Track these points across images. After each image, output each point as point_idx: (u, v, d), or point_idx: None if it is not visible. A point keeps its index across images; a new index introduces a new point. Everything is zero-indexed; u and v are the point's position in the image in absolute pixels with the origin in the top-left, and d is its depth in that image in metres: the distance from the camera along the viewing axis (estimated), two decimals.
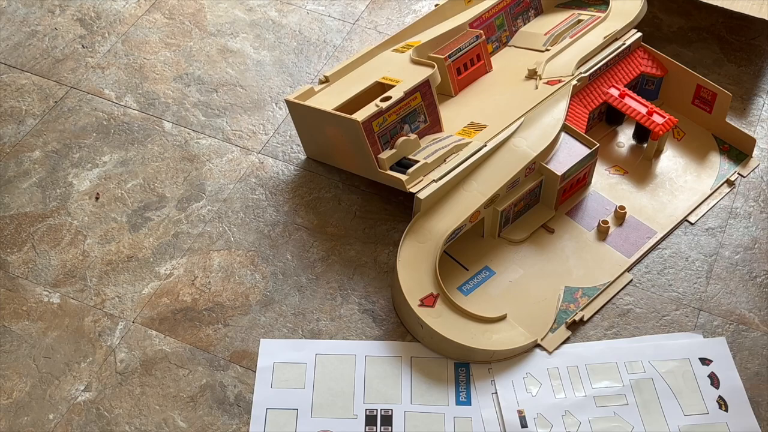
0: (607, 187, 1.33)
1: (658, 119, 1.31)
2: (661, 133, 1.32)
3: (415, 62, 1.32)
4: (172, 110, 1.44)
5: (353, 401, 1.10)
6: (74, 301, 1.20)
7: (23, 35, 1.55)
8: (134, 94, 1.46)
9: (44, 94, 1.46)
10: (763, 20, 1.43)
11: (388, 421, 1.09)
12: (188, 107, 1.44)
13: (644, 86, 1.42)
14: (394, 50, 1.38)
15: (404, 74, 1.30)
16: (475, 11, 1.43)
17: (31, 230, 1.28)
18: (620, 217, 1.29)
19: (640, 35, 1.39)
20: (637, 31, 1.39)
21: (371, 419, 1.09)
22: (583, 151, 1.27)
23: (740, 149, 1.37)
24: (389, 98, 1.24)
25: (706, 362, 1.14)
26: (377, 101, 1.24)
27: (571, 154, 1.27)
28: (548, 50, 1.40)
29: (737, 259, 1.26)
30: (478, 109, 1.34)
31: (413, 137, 1.26)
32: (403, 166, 1.24)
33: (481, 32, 1.40)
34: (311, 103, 1.29)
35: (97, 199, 1.32)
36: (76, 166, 1.36)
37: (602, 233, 1.27)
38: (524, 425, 1.08)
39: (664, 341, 1.16)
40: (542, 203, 1.30)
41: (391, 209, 1.31)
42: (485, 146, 1.24)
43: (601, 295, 1.21)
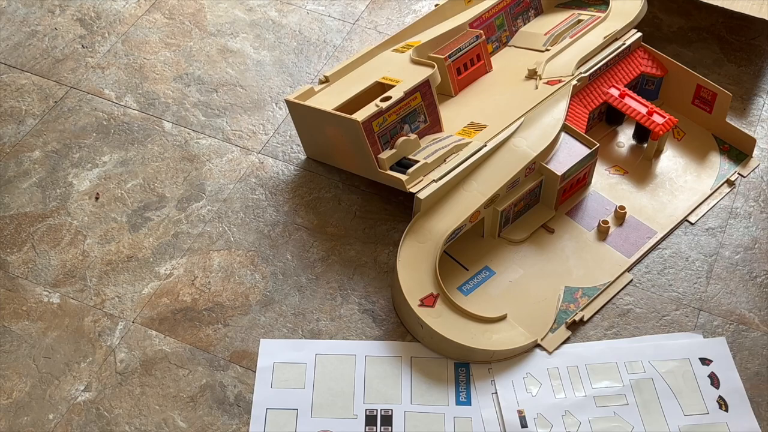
0: (607, 187, 1.33)
1: (658, 119, 1.31)
2: (661, 133, 1.32)
3: (415, 62, 1.32)
4: (172, 110, 1.44)
5: (353, 401, 1.10)
6: (74, 301, 1.20)
7: (23, 35, 1.55)
8: (134, 94, 1.46)
9: (44, 94, 1.46)
10: (763, 20, 1.43)
11: (388, 421, 1.09)
12: (188, 107, 1.44)
13: (644, 86, 1.42)
14: (394, 50, 1.38)
15: (404, 74, 1.30)
16: (475, 11, 1.43)
17: (31, 230, 1.28)
18: (620, 217, 1.29)
19: (640, 35, 1.39)
20: (637, 31, 1.39)
21: (371, 419, 1.09)
22: (583, 151, 1.27)
23: (740, 149, 1.37)
24: (389, 98, 1.24)
25: (706, 362, 1.14)
26: (377, 101, 1.24)
27: (571, 154, 1.27)
28: (548, 50, 1.40)
29: (737, 259, 1.26)
30: (478, 109, 1.34)
31: (413, 137, 1.26)
32: (403, 166, 1.23)
33: (481, 32, 1.40)
34: (311, 103, 1.29)
35: (97, 199, 1.32)
36: (76, 166, 1.36)
37: (602, 233, 1.27)
38: (524, 425, 1.08)
39: (664, 341, 1.16)
40: (542, 203, 1.30)
41: (391, 209, 1.31)
42: (485, 146, 1.24)
43: (601, 295, 1.21)
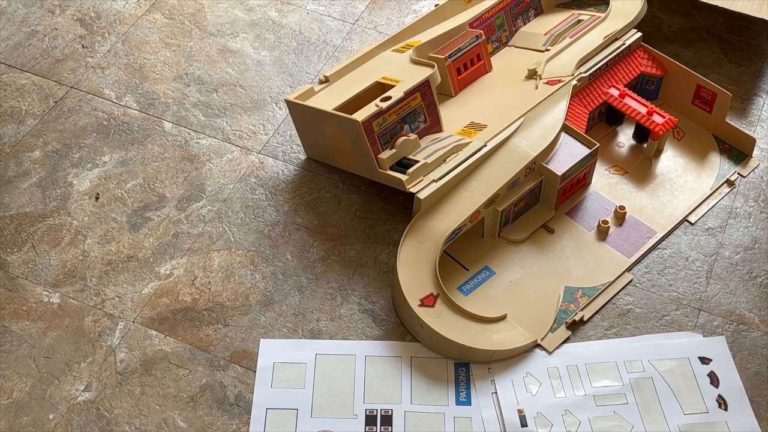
0: (607, 187, 1.33)
1: (658, 119, 1.31)
2: (661, 133, 1.32)
3: (415, 62, 1.32)
4: (172, 110, 1.44)
5: (353, 401, 1.10)
6: (74, 301, 1.20)
7: (23, 35, 1.55)
8: (134, 94, 1.46)
9: (44, 94, 1.46)
10: (763, 20, 1.43)
11: (388, 421, 1.09)
12: (188, 107, 1.44)
13: (644, 86, 1.42)
14: (394, 50, 1.38)
15: (404, 74, 1.30)
16: (475, 11, 1.43)
17: (31, 230, 1.28)
18: (620, 217, 1.28)
19: (640, 35, 1.39)
20: (637, 31, 1.39)
21: (371, 419, 1.09)
22: (583, 151, 1.27)
23: (740, 149, 1.37)
24: (389, 98, 1.24)
25: (705, 361, 1.14)
26: (377, 101, 1.24)
27: (571, 154, 1.27)
28: (548, 50, 1.40)
29: (737, 259, 1.26)
30: (478, 109, 1.34)
31: (413, 137, 1.26)
32: (403, 166, 1.23)
33: (481, 32, 1.40)
34: (311, 103, 1.29)
35: (97, 199, 1.32)
36: (76, 166, 1.36)
37: (602, 233, 1.27)
38: (524, 425, 1.08)
39: (663, 340, 1.16)
40: (542, 203, 1.30)
41: (391, 209, 1.31)
42: (485, 146, 1.24)
43: (601, 295, 1.21)
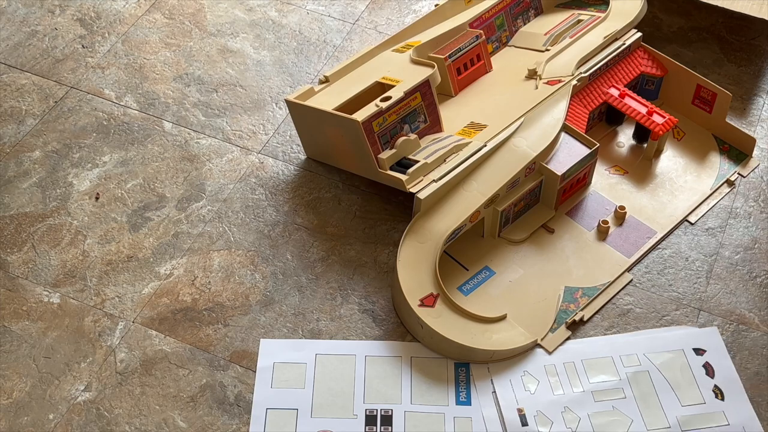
0: (607, 187, 1.33)
1: (658, 119, 1.31)
2: (661, 133, 1.32)
3: (415, 62, 1.32)
4: (172, 110, 1.44)
5: (353, 401, 1.10)
6: (74, 301, 1.20)
7: (23, 35, 1.55)
8: (134, 94, 1.46)
9: (44, 94, 1.46)
10: (763, 20, 1.43)
11: (388, 421, 1.09)
12: (188, 107, 1.44)
13: (644, 86, 1.42)
14: (394, 50, 1.38)
15: (404, 74, 1.30)
16: (475, 11, 1.43)
17: (31, 230, 1.28)
18: (620, 217, 1.28)
19: (640, 35, 1.39)
20: (637, 31, 1.39)
21: (371, 419, 1.09)
22: (583, 151, 1.27)
23: (740, 149, 1.37)
24: (389, 98, 1.24)
25: (699, 352, 1.14)
26: (377, 101, 1.24)
27: (571, 154, 1.27)
28: (548, 50, 1.40)
29: (737, 259, 1.26)
30: (478, 109, 1.34)
31: (413, 137, 1.26)
32: (403, 166, 1.23)
33: (481, 32, 1.40)
34: (311, 103, 1.29)
35: (97, 199, 1.32)
36: (76, 166, 1.36)
37: (602, 233, 1.27)
38: (525, 423, 1.08)
39: (658, 334, 1.17)
40: (542, 203, 1.30)
41: (391, 209, 1.31)
42: (485, 146, 1.24)
43: (601, 295, 1.21)
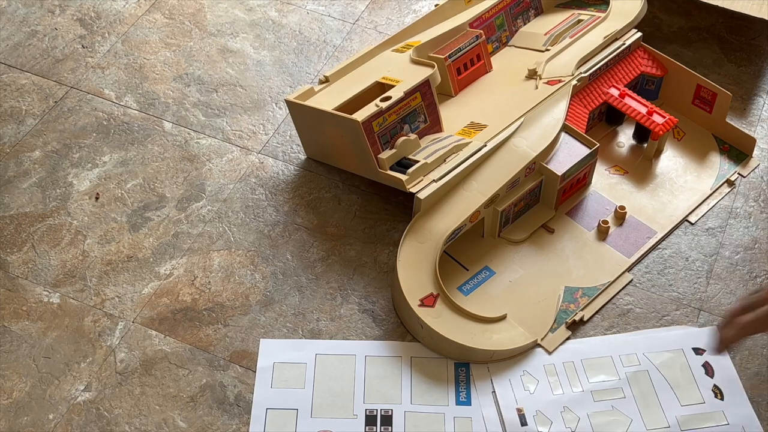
0: (607, 187, 1.33)
1: (658, 119, 1.31)
2: (661, 133, 1.32)
3: (415, 62, 1.32)
4: (172, 110, 1.44)
5: (353, 401, 1.10)
6: (74, 301, 1.20)
7: (23, 35, 1.55)
8: (134, 94, 1.46)
9: (44, 94, 1.46)
10: (763, 20, 1.43)
11: (388, 421, 1.09)
12: (188, 107, 1.44)
13: (644, 86, 1.42)
14: (394, 50, 1.38)
15: (404, 74, 1.30)
16: (475, 11, 1.43)
17: (31, 230, 1.28)
18: (620, 217, 1.28)
19: (640, 35, 1.39)
20: (637, 31, 1.39)
21: (371, 419, 1.09)
22: (583, 151, 1.27)
23: (740, 149, 1.37)
24: (389, 98, 1.24)
25: (699, 352, 1.14)
26: (377, 101, 1.24)
27: (571, 154, 1.27)
28: (548, 50, 1.40)
29: (737, 259, 1.26)
30: (478, 109, 1.34)
31: (413, 137, 1.26)
32: (403, 166, 1.23)
33: (481, 32, 1.40)
34: (311, 103, 1.29)
35: (97, 199, 1.32)
36: (76, 166, 1.36)
37: (602, 233, 1.27)
38: (524, 423, 1.08)
39: (657, 333, 1.17)
40: (542, 203, 1.30)
41: (391, 209, 1.31)
42: (485, 146, 1.24)
43: (601, 295, 1.21)
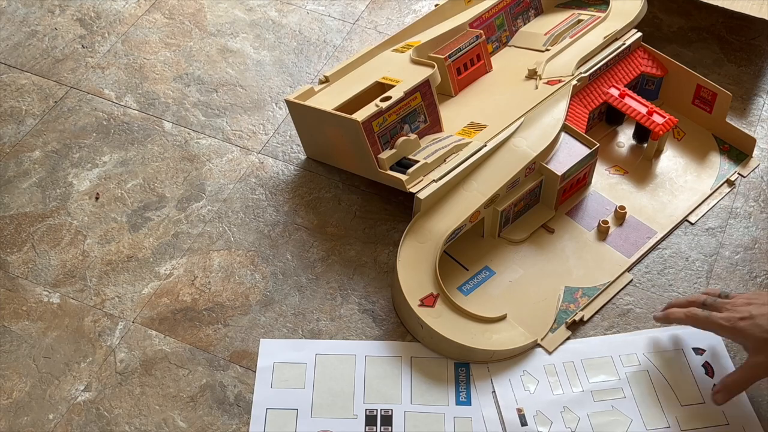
0: (607, 187, 1.33)
1: (658, 119, 1.31)
2: (661, 133, 1.32)
3: (415, 62, 1.32)
4: (172, 110, 1.44)
5: (353, 401, 1.10)
6: (74, 301, 1.20)
7: (23, 35, 1.55)
8: (134, 94, 1.46)
9: (44, 94, 1.46)
10: (763, 20, 1.43)
11: (388, 421, 1.09)
12: (188, 107, 1.44)
13: (644, 86, 1.42)
14: (394, 50, 1.38)
15: (404, 74, 1.30)
16: (475, 11, 1.43)
17: (31, 230, 1.28)
18: (620, 217, 1.28)
19: (640, 35, 1.39)
20: (637, 31, 1.39)
21: (371, 419, 1.09)
22: (583, 151, 1.27)
23: (740, 149, 1.37)
24: (389, 98, 1.24)
25: (699, 352, 1.14)
26: (377, 101, 1.24)
27: (571, 154, 1.27)
28: (548, 50, 1.40)
29: (737, 259, 1.26)
30: (478, 109, 1.34)
31: (413, 137, 1.26)
32: (403, 166, 1.23)
33: (481, 32, 1.40)
34: (311, 103, 1.29)
35: (97, 199, 1.32)
36: (76, 166, 1.36)
37: (602, 233, 1.27)
38: (524, 423, 1.08)
39: (657, 333, 1.17)
40: (542, 203, 1.30)
41: (391, 209, 1.31)
42: (485, 146, 1.24)
43: (601, 295, 1.21)
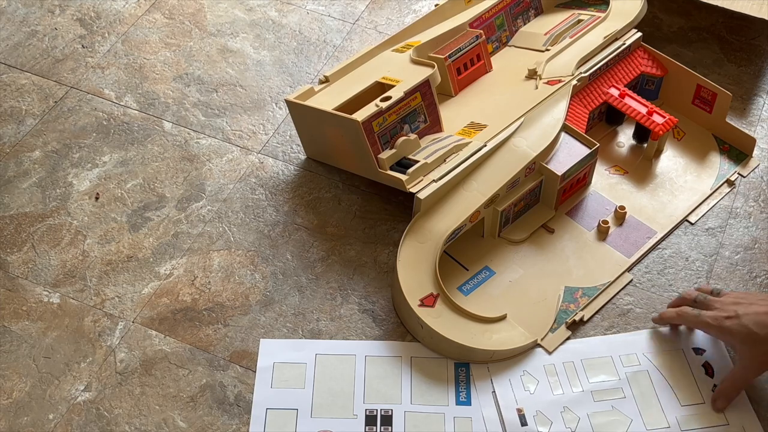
0: (607, 187, 1.33)
1: (658, 119, 1.31)
2: (661, 133, 1.32)
3: (415, 62, 1.32)
4: (172, 110, 1.44)
5: (353, 401, 1.10)
6: (74, 301, 1.20)
7: (23, 35, 1.55)
8: (134, 94, 1.46)
9: (44, 94, 1.46)
10: (763, 20, 1.43)
11: (388, 421, 1.09)
12: (188, 107, 1.44)
13: (644, 86, 1.42)
14: (394, 50, 1.38)
15: (404, 74, 1.30)
16: (475, 11, 1.43)
17: (31, 230, 1.28)
18: (620, 217, 1.28)
19: (640, 35, 1.39)
20: (637, 31, 1.39)
21: (371, 419, 1.09)
22: (583, 151, 1.27)
23: (740, 149, 1.37)
24: (389, 98, 1.24)
25: (699, 352, 1.14)
26: (377, 101, 1.24)
27: (571, 154, 1.27)
28: (548, 50, 1.40)
29: (737, 259, 1.26)
30: (478, 109, 1.34)
31: (413, 137, 1.26)
32: (403, 166, 1.23)
33: (481, 32, 1.40)
34: (311, 103, 1.29)
35: (97, 199, 1.32)
36: (76, 166, 1.36)
37: (602, 233, 1.27)
38: (524, 423, 1.08)
39: (657, 333, 1.17)
40: (542, 203, 1.30)
41: (391, 209, 1.31)
42: (485, 146, 1.24)
43: (601, 295, 1.21)
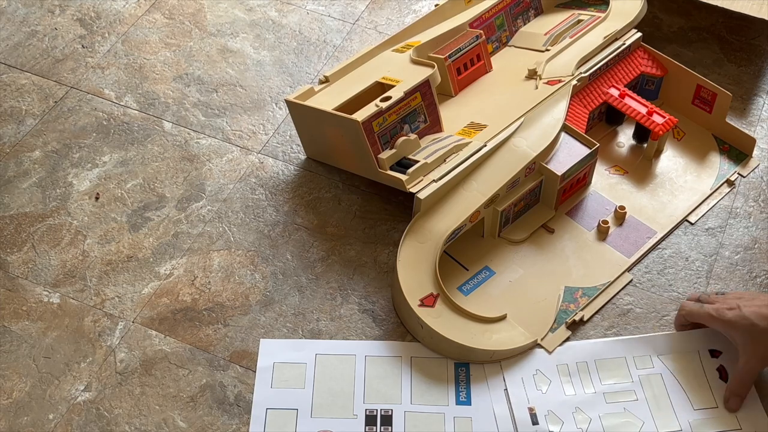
0: (607, 187, 1.33)
1: (658, 119, 1.31)
2: (661, 133, 1.32)
3: (415, 62, 1.32)
4: (172, 110, 1.44)
5: (353, 401, 1.10)
6: (74, 301, 1.20)
7: (23, 35, 1.55)
8: (134, 94, 1.46)
9: (44, 94, 1.46)
10: (763, 20, 1.43)
11: (388, 421, 1.09)
12: (188, 107, 1.44)
13: (644, 86, 1.42)
14: (394, 50, 1.38)
15: (404, 74, 1.30)
16: (475, 11, 1.43)
17: (31, 230, 1.28)
18: (620, 217, 1.28)
19: (640, 35, 1.39)
20: (637, 31, 1.39)
21: (371, 419, 1.09)
22: (583, 151, 1.27)
23: (740, 149, 1.37)
24: (389, 98, 1.24)
25: (715, 354, 1.14)
26: (377, 101, 1.24)
27: (571, 154, 1.27)
28: (548, 50, 1.40)
29: (737, 259, 1.26)
30: (478, 109, 1.34)
31: (413, 137, 1.26)
32: (403, 166, 1.23)
33: (481, 32, 1.40)
34: (311, 103, 1.29)
35: (97, 199, 1.32)
36: (76, 166, 1.36)
37: (602, 233, 1.27)
38: (535, 422, 1.08)
39: (672, 335, 1.16)
40: (542, 203, 1.30)
41: (391, 209, 1.31)
42: (485, 146, 1.24)
43: (601, 295, 1.21)
